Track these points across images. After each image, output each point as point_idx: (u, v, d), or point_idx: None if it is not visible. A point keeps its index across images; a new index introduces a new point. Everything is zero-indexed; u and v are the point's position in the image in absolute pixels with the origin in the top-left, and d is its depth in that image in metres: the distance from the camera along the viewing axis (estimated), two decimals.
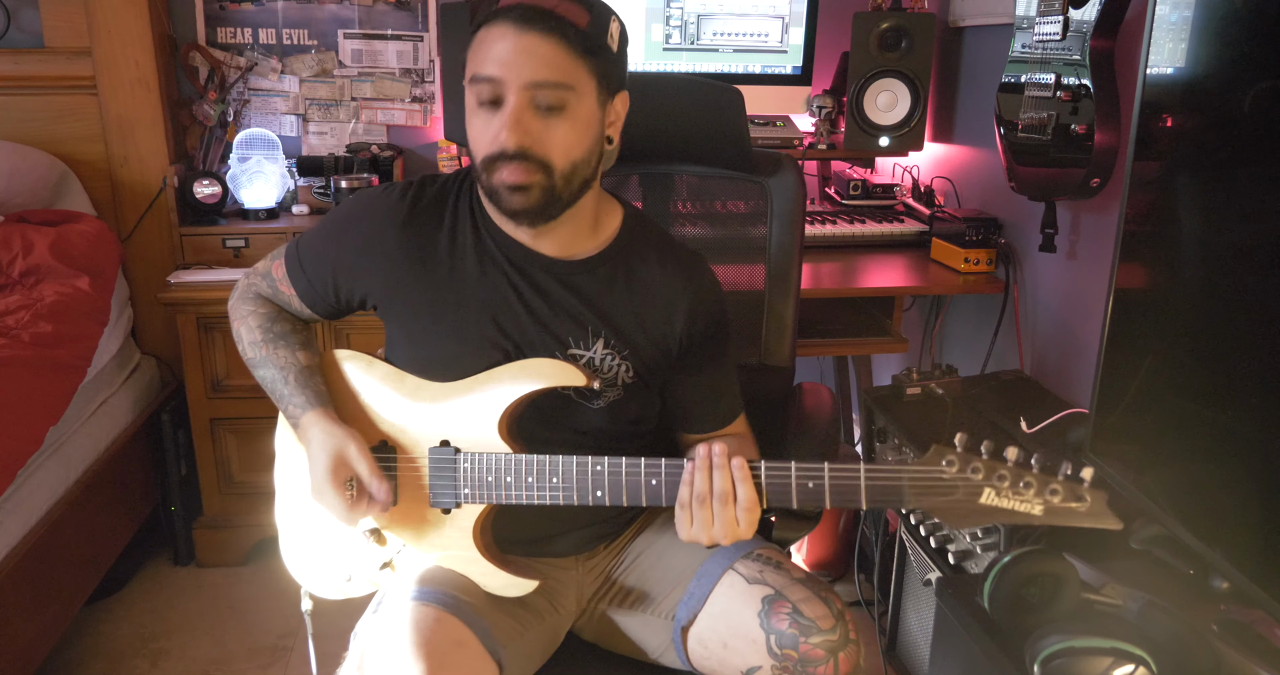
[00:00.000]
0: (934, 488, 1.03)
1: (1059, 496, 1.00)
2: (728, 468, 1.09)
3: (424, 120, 2.64)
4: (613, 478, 1.14)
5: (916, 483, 1.04)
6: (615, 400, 1.24)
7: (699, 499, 1.09)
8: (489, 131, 1.11)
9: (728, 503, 1.08)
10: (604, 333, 1.23)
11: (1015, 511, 1.02)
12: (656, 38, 2.42)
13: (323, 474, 1.18)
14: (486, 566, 1.21)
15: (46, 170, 2.31)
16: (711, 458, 1.09)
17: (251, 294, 1.35)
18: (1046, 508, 1.01)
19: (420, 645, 1.08)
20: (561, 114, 1.10)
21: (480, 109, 1.11)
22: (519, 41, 1.07)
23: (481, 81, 1.09)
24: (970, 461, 1.02)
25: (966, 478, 1.02)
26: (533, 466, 1.16)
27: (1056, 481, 1.01)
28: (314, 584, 1.33)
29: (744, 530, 1.10)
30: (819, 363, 2.87)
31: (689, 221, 1.65)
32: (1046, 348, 2.11)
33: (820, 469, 1.07)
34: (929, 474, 1.03)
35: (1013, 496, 1.01)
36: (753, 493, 1.08)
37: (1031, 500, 1.01)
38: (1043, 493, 1.01)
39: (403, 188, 1.25)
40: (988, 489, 1.02)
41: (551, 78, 1.08)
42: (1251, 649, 1.16)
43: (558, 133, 1.11)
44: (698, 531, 1.10)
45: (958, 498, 1.02)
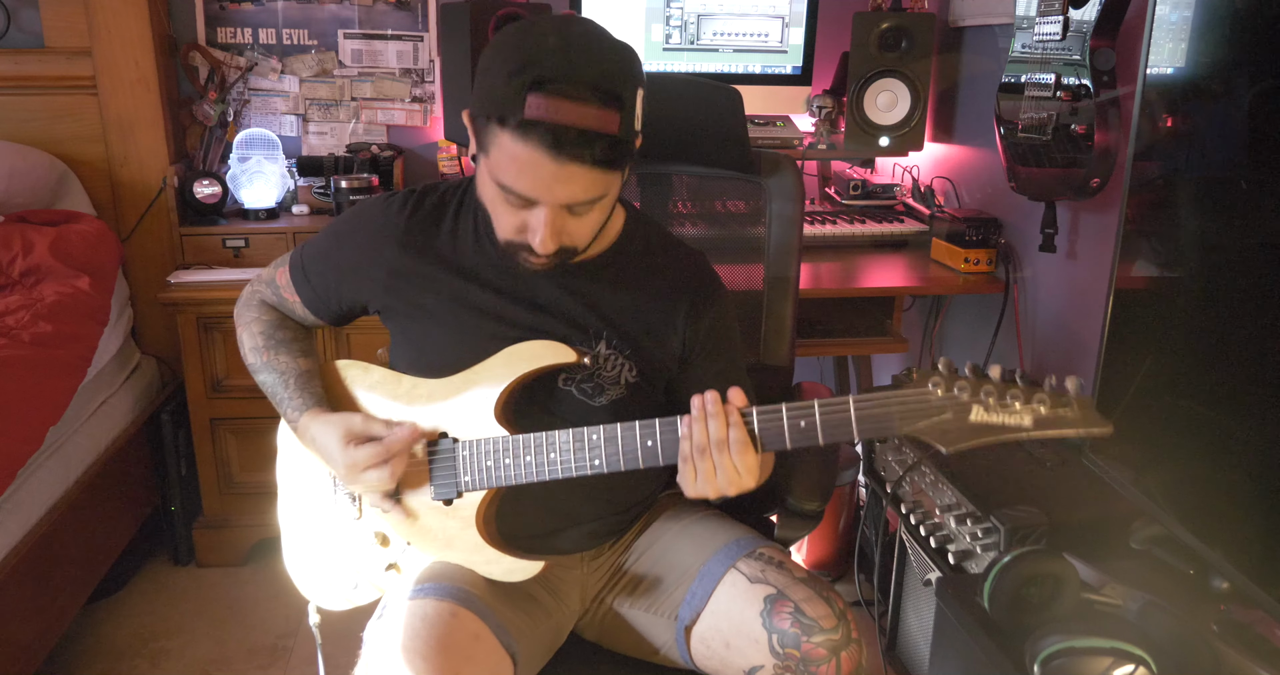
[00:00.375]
0: (923, 410, 1.02)
1: (1046, 405, 1.00)
2: (722, 414, 1.09)
3: (424, 120, 2.64)
4: (609, 445, 1.14)
5: (905, 407, 1.03)
6: (619, 399, 1.25)
7: (699, 450, 1.09)
8: (514, 221, 1.11)
9: (724, 450, 1.09)
10: (606, 334, 1.23)
11: (1005, 425, 1.01)
12: (656, 38, 2.42)
13: (340, 448, 1.18)
14: (491, 553, 1.21)
15: (46, 170, 2.31)
16: (705, 406, 1.10)
17: (256, 300, 1.37)
18: (1035, 418, 1.00)
19: (439, 638, 1.08)
20: (592, 209, 1.11)
21: (505, 201, 1.10)
22: (555, 170, 1.04)
23: (511, 192, 1.08)
24: (955, 381, 1.02)
25: (954, 396, 1.01)
26: (529, 444, 1.16)
27: (1042, 392, 1.00)
28: (321, 596, 1.34)
29: (745, 478, 1.10)
30: (819, 363, 2.88)
31: (688, 221, 1.65)
32: (1046, 348, 2.11)
33: (810, 407, 1.07)
34: (916, 397, 1.02)
35: (1001, 411, 1.01)
36: (742, 434, 1.08)
37: (1020, 412, 1.00)
38: (1030, 403, 1.00)
39: (403, 198, 1.26)
40: (976, 406, 1.01)
41: (588, 196, 1.08)
42: (1251, 649, 1.16)
43: (588, 223, 1.13)
44: (702, 485, 1.10)
45: (947, 418, 1.02)
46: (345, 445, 1.18)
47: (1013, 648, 1.21)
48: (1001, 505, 1.55)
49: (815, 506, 1.36)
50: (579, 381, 1.23)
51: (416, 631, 1.09)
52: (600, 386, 1.24)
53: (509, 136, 1.03)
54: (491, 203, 1.13)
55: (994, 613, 1.24)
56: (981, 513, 1.57)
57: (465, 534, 1.21)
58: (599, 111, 1.02)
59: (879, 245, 2.39)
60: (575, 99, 1.01)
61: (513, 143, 1.03)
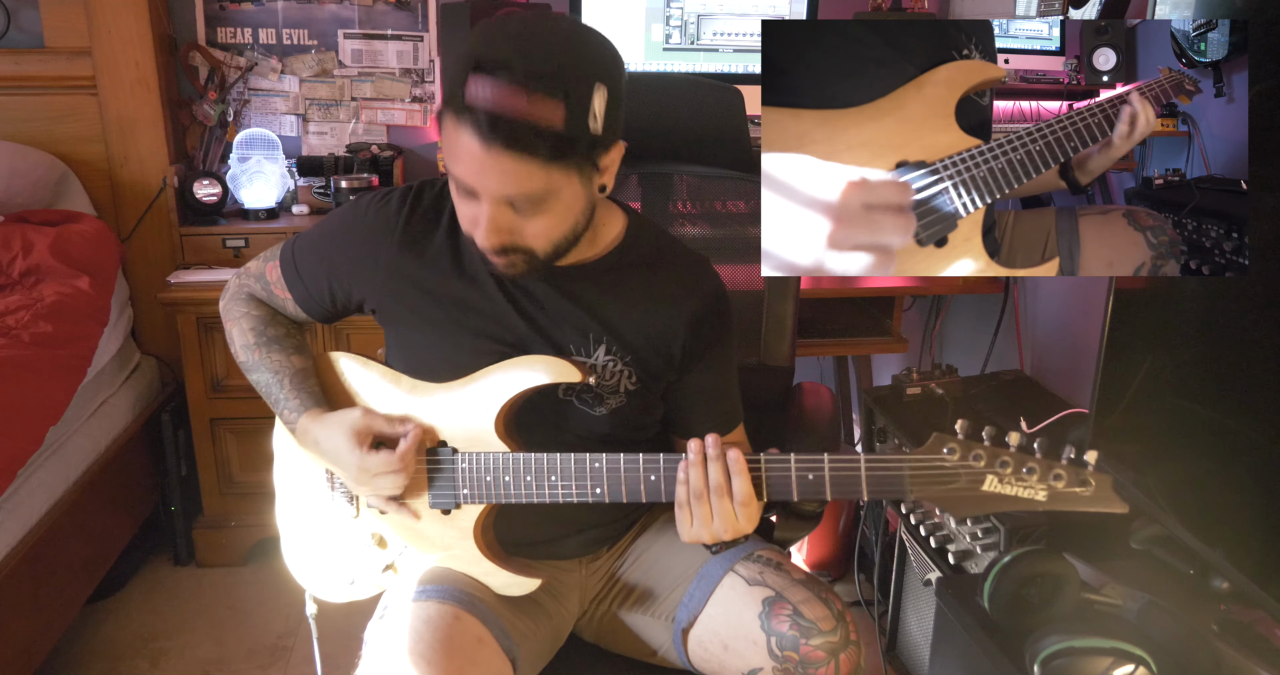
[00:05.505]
0: (936, 477, 1.01)
1: (1063, 481, 0.98)
2: (721, 459, 1.07)
3: (424, 120, 2.64)
4: (611, 474, 1.13)
5: (918, 472, 1.02)
6: (619, 407, 1.23)
7: (696, 495, 1.08)
8: (466, 212, 1.08)
9: (724, 496, 1.07)
10: (605, 339, 1.21)
11: (1019, 498, 1.00)
12: (656, 38, 2.42)
13: (351, 451, 1.15)
14: (488, 566, 1.21)
15: (46, 170, 2.31)
16: (705, 450, 1.08)
17: (244, 295, 1.34)
18: (1051, 493, 0.99)
19: (442, 642, 1.08)
20: (540, 209, 1.05)
21: (455, 184, 1.07)
22: (486, 157, 0.99)
23: (455, 179, 1.05)
24: (972, 449, 1.00)
25: (968, 465, 1.00)
26: (530, 465, 1.15)
27: (1060, 466, 0.98)
28: (318, 588, 1.33)
29: (744, 524, 1.09)
30: (819, 363, 2.87)
31: (688, 221, 1.65)
32: (1046, 348, 2.11)
33: (820, 461, 1.05)
34: (930, 462, 1.01)
35: (1016, 483, 0.99)
36: (748, 486, 1.07)
37: (1035, 486, 0.99)
38: (1046, 478, 0.98)
39: (400, 195, 1.23)
40: (990, 476, 1.00)
41: (524, 191, 1.02)
42: (1251, 649, 1.16)
43: (537, 226, 1.07)
44: (699, 529, 1.09)
45: (960, 486, 1.00)
46: (355, 448, 1.15)
47: (1013, 648, 1.21)
48: None
49: (814, 507, 1.36)
50: (579, 392, 1.22)
51: (420, 634, 1.09)
52: (600, 396, 1.22)
53: (451, 120, 1.00)
54: (453, 194, 1.10)
55: (994, 613, 1.24)
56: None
57: (463, 544, 1.21)
58: (541, 102, 0.97)
59: None
60: (514, 86, 0.96)
61: (454, 127, 1.00)
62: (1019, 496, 1.00)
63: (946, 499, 1.01)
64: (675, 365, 1.24)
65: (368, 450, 1.15)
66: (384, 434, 1.17)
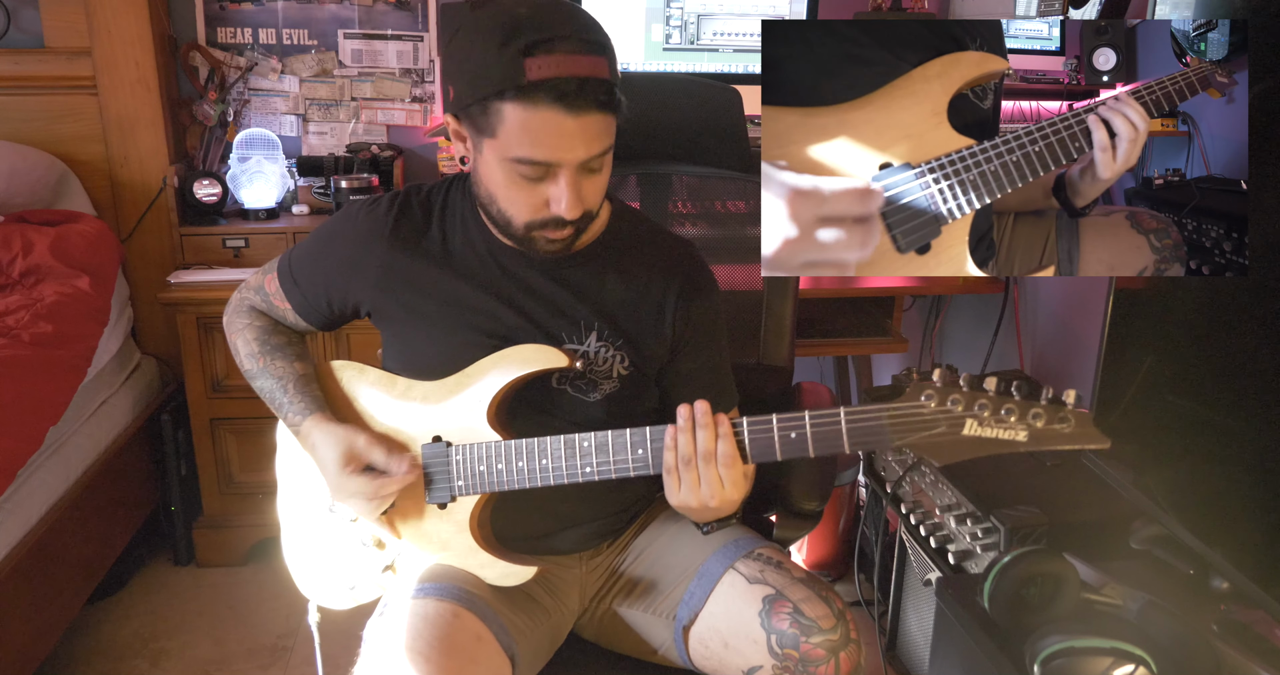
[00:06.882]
0: (916, 424, 1.01)
1: (1042, 420, 0.98)
2: (711, 426, 1.09)
3: (424, 120, 2.64)
4: (599, 452, 1.14)
5: (897, 421, 1.01)
6: (612, 392, 1.25)
7: (684, 461, 1.09)
8: (534, 199, 1.12)
9: (710, 461, 1.08)
10: (597, 325, 1.23)
11: (1000, 440, 0.99)
12: (656, 38, 2.42)
13: (336, 470, 1.19)
14: (484, 557, 1.21)
15: (46, 170, 2.31)
16: (694, 416, 1.09)
17: (246, 307, 1.37)
18: (1031, 433, 0.98)
19: (441, 639, 1.08)
20: (603, 163, 1.12)
21: (520, 179, 1.10)
22: (573, 124, 1.05)
23: (528, 164, 1.08)
24: (950, 393, 1.00)
25: (947, 410, 0.99)
26: (521, 450, 1.17)
27: (1038, 406, 0.98)
28: (321, 596, 1.34)
29: (729, 490, 1.09)
30: (819, 363, 2.87)
31: (688, 221, 1.65)
32: (1046, 348, 2.11)
33: (801, 418, 1.06)
34: (909, 410, 1.01)
35: (995, 425, 0.99)
36: (731, 447, 1.08)
37: (1015, 426, 0.98)
38: (1025, 418, 0.98)
39: (389, 199, 1.27)
40: (970, 420, 0.99)
41: (602, 146, 1.09)
42: (1251, 649, 1.16)
43: (599, 183, 1.14)
44: (686, 495, 1.10)
45: (941, 432, 1.00)
46: (342, 468, 1.19)
47: (1013, 648, 1.21)
48: (1001, 505, 1.55)
49: (814, 506, 1.36)
50: (572, 379, 1.24)
51: (419, 632, 1.09)
52: (594, 382, 1.24)
53: (516, 107, 1.04)
54: (504, 188, 1.12)
55: (994, 613, 1.24)
56: (981, 513, 1.57)
57: (460, 538, 1.21)
58: (591, 59, 1.05)
59: None
60: (569, 52, 1.03)
61: (522, 111, 1.04)
62: (1000, 438, 0.99)
63: (928, 445, 1.01)
64: (667, 343, 1.26)
65: (352, 472, 1.19)
66: (376, 466, 1.20)
